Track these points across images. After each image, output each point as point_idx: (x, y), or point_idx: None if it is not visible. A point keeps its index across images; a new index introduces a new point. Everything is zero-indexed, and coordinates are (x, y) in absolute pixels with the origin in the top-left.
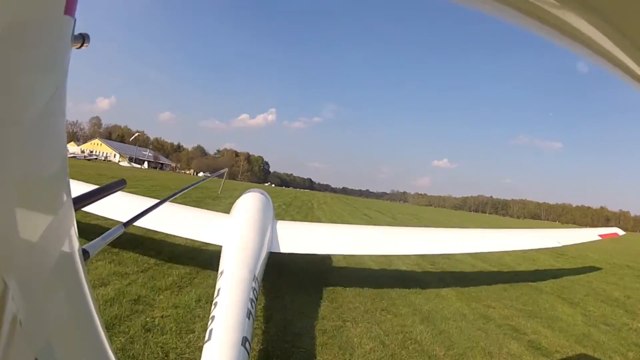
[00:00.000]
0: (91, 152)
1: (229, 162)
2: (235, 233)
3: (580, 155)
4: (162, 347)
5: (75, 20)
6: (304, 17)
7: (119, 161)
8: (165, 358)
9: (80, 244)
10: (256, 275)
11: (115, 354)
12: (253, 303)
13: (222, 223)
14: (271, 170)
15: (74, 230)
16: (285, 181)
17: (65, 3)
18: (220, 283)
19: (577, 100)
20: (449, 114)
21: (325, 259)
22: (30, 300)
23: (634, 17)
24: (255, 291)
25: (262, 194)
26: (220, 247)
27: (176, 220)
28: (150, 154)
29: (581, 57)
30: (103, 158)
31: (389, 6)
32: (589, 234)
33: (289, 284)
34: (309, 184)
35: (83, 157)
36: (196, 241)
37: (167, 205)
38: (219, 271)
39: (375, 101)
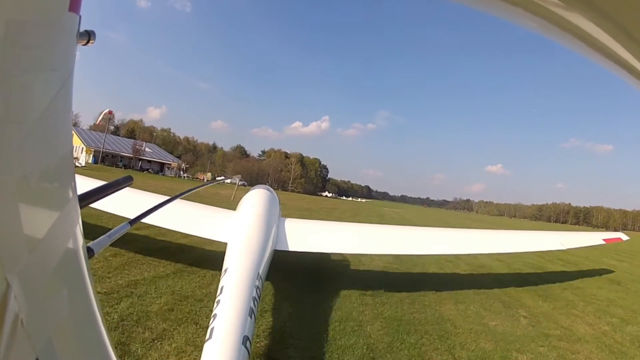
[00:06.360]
0: None
1: (277, 166)
2: (240, 230)
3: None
4: None
5: (80, 17)
6: (354, 28)
7: None
8: None
9: (86, 242)
10: (260, 273)
11: (117, 353)
12: (256, 301)
13: (228, 220)
14: (328, 177)
15: (79, 228)
16: (343, 189)
17: (70, 0)
18: (224, 281)
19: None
20: (500, 117)
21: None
22: (32, 299)
23: (636, 16)
24: (258, 289)
25: (268, 190)
26: (226, 244)
27: (182, 217)
28: (148, 149)
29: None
30: None
31: (440, 16)
32: (594, 238)
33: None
34: (367, 192)
35: None
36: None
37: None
38: (223, 268)
39: (426, 106)
